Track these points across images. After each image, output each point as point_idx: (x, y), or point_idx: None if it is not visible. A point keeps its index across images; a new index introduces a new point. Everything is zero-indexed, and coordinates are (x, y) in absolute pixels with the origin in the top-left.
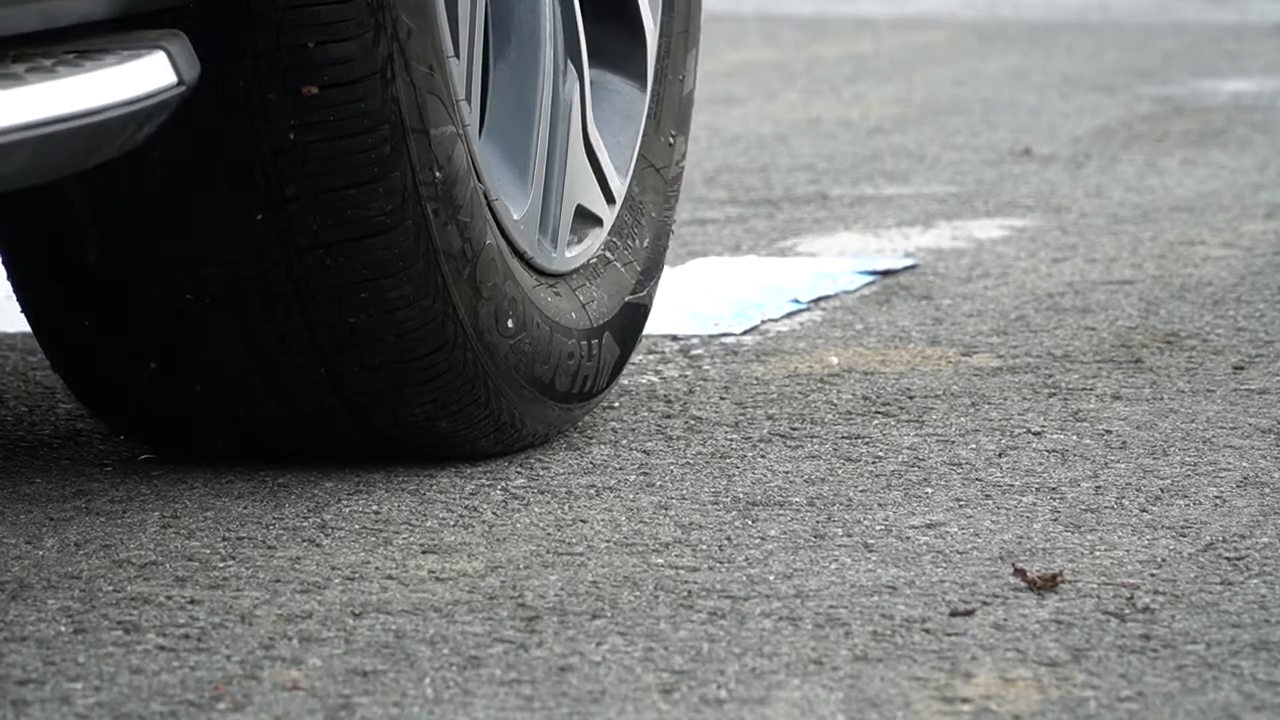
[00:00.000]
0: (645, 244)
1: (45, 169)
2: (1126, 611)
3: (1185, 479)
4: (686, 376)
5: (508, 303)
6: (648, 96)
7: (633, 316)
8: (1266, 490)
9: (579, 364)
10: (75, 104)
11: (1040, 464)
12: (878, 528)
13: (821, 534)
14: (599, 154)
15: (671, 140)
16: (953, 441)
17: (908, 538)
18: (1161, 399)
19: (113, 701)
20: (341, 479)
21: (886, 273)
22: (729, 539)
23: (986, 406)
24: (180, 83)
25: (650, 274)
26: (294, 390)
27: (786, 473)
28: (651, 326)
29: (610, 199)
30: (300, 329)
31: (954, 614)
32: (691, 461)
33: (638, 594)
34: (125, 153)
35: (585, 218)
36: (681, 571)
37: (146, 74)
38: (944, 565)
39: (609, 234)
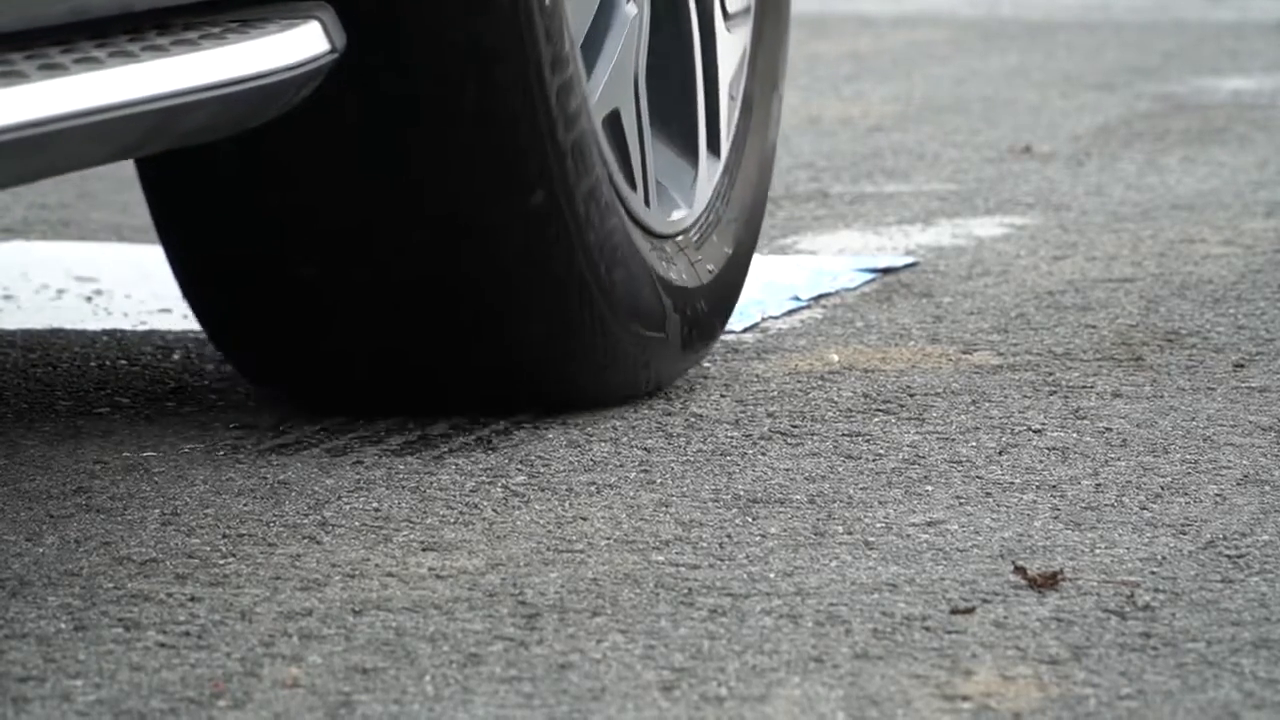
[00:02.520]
0: (746, 198)
1: (221, 127)
2: (1127, 609)
3: (1186, 477)
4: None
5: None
6: (747, 45)
7: (734, 270)
8: (1267, 488)
9: (681, 318)
10: (247, 68)
11: (1040, 462)
12: (878, 525)
13: (822, 531)
14: (703, 122)
15: (769, 97)
16: (953, 439)
17: (908, 535)
18: (1162, 397)
19: (113, 698)
20: (342, 476)
21: (887, 270)
22: (729, 536)
23: (987, 404)
24: (333, 50)
25: (752, 226)
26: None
27: (787, 470)
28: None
29: (717, 148)
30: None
31: (954, 612)
32: (692, 459)
33: (638, 591)
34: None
35: (687, 181)
36: (682, 569)
37: (305, 41)
38: (944, 563)
39: (708, 201)
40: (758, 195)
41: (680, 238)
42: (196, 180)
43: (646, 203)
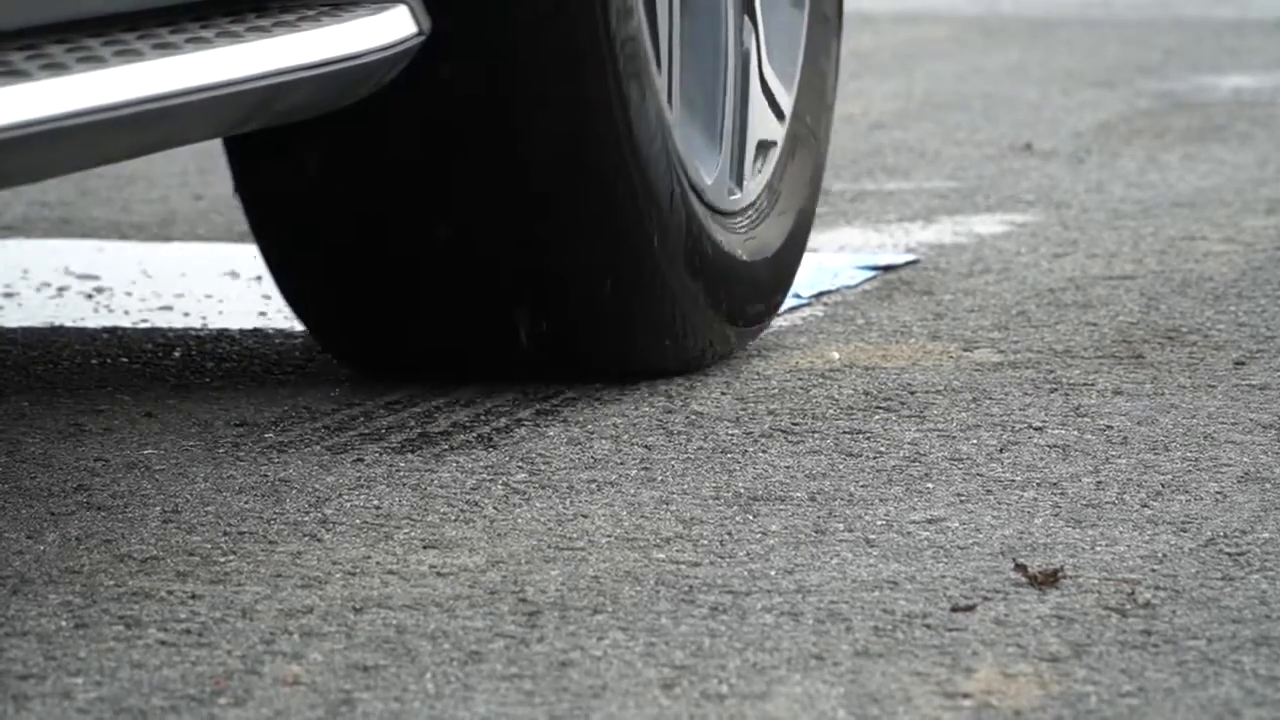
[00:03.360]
0: (808, 167)
1: (317, 105)
2: (1127, 607)
3: (1186, 474)
4: (687, 371)
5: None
6: (806, 15)
7: (794, 243)
8: (1267, 485)
9: (741, 292)
10: (342, 49)
11: (1041, 459)
12: (879, 523)
13: (823, 529)
14: (771, 84)
15: (825, 60)
16: (954, 437)
17: (909, 533)
18: (1162, 394)
19: (113, 696)
20: (342, 474)
21: (888, 268)
22: (730, 534)
23: (988, 402)
24: (420, 32)
25: (812, 197)
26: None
27: (788, 468)
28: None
29: (781, 116)
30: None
31: (955, 609)
32: (693, 456)
33: (639, 589)
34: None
35: (763, 146)
36: (683, 566)
37: (394, 25)
38: (945, 560)
39: (766, 184)
40: (811, 187)
41: (739, 217)
42: (293, 171)
43: (706, 176)
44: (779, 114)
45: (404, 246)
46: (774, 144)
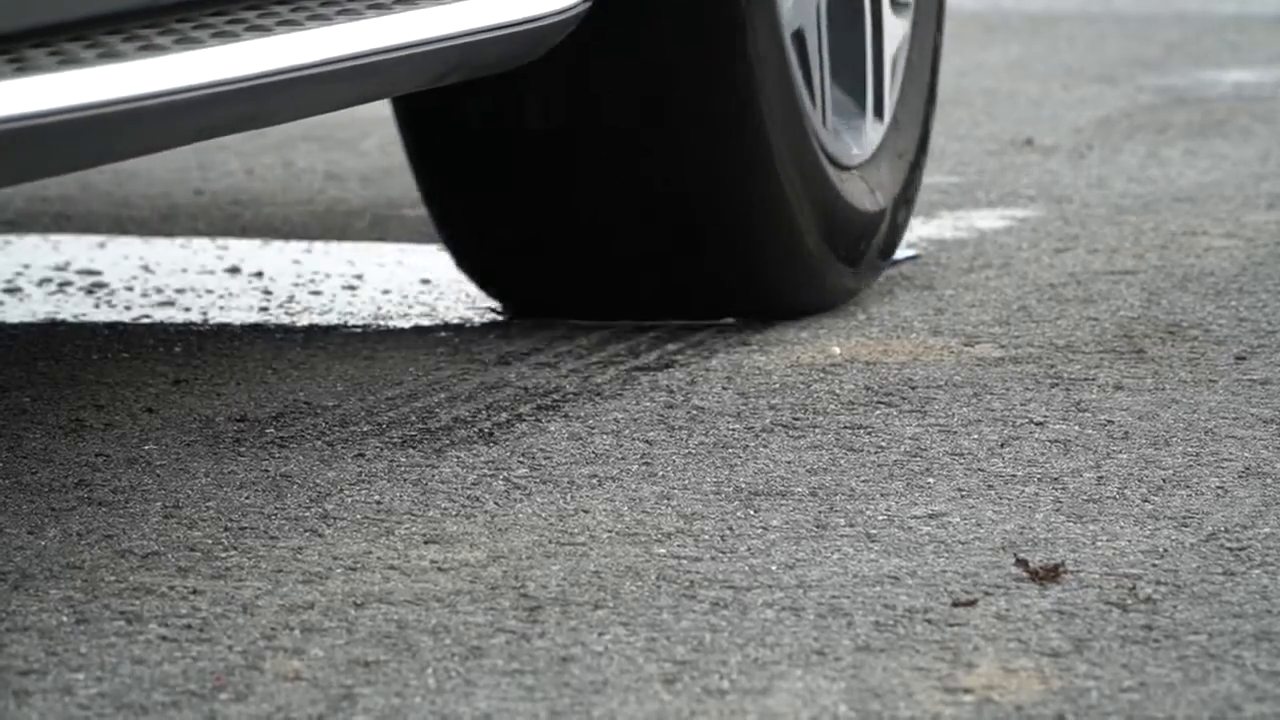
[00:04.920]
0: (912, 139)
1: (503, 63)
2: (1128, 602)
3: (1187, 469)
4: (689, 366)
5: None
6: (908, 28)
7: (904, 199)
8: (1269, 481)
9: (860, 239)
10: (528, 11)
11: (1042, 454)
12: (880, 518)
13: (824, 524)
14: (874, 74)
15: (928, 52)
16: (955, 432)
17: (910, 528)
18: (1164, 389)
19: (114, 692)
20: (343, 469)
21: (889, 262)
22: (731, 529)
23: (989, 396)
24: (587, 1)
25: (917, 166)
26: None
27: (789, 463)
28: (652, 318)
29: (881, 115)
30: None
31: (956, 604)
32: (694, 451)
33: (640, 584)
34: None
35: (863, 125)
36: (684, 561)
37: None
38: (946, 555)
39: (880, 142)
40: (918, 151)
41: (857, 171)
42: (460, 132)
43: (824, 123)
44: (880, 103)
45: (566, 203)
46: (886, 110)
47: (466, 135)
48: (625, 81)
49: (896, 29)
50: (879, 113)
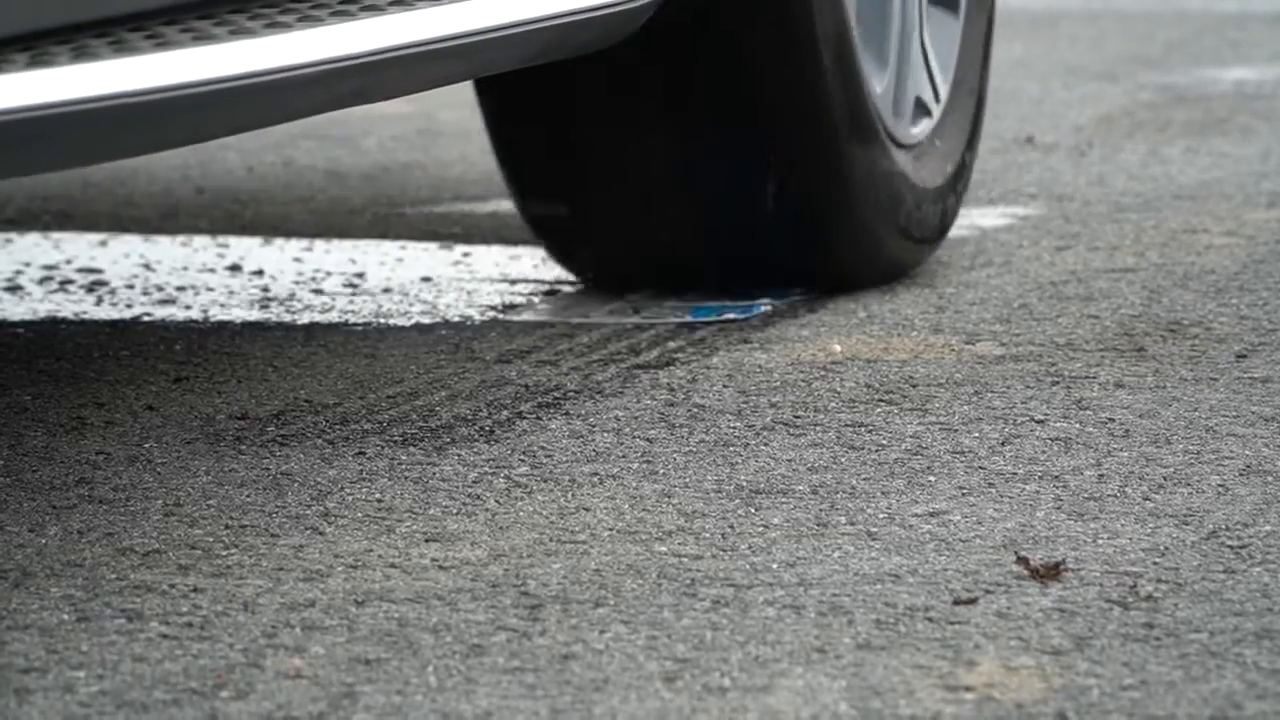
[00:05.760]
0: (965, 120)
1: (597, 43)
2: (1129, 600)
3: (1188, 467)
4: (689, 364)
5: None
6: (961, 22)
7: (953, 191)
8: (1269, 479)
9: (920, 213)
10: None
11: (1043, 452)
12: (881, 516)
13: (825, 522)
14: (930, 61)
15: (977, 63)
16: (956, 430)
17: (911, 526)
18: (1164, 387)
19: (115, 690)
20: (344, 467)
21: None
22: (732, 527)
23: (989, 395)
24: None
25: (971, 145)
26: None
27: (790, 461)
28: (652, 316)
29: (937, 98)
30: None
31: (957, 602)
32: (694, 449)
33: (641, 582)
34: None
35: (920, 107)
36: (684, 560)
37: None
38: (947, 553)
39: (935, 125)
40: (972, 131)
41: (915, 149)
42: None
43: (893, 108)
44: (949, 66)
45: (649, 173)
46: (941, 94)
47: (548, 111)
48: (706, 64)
49: (951, 15)
50: (935, 97)
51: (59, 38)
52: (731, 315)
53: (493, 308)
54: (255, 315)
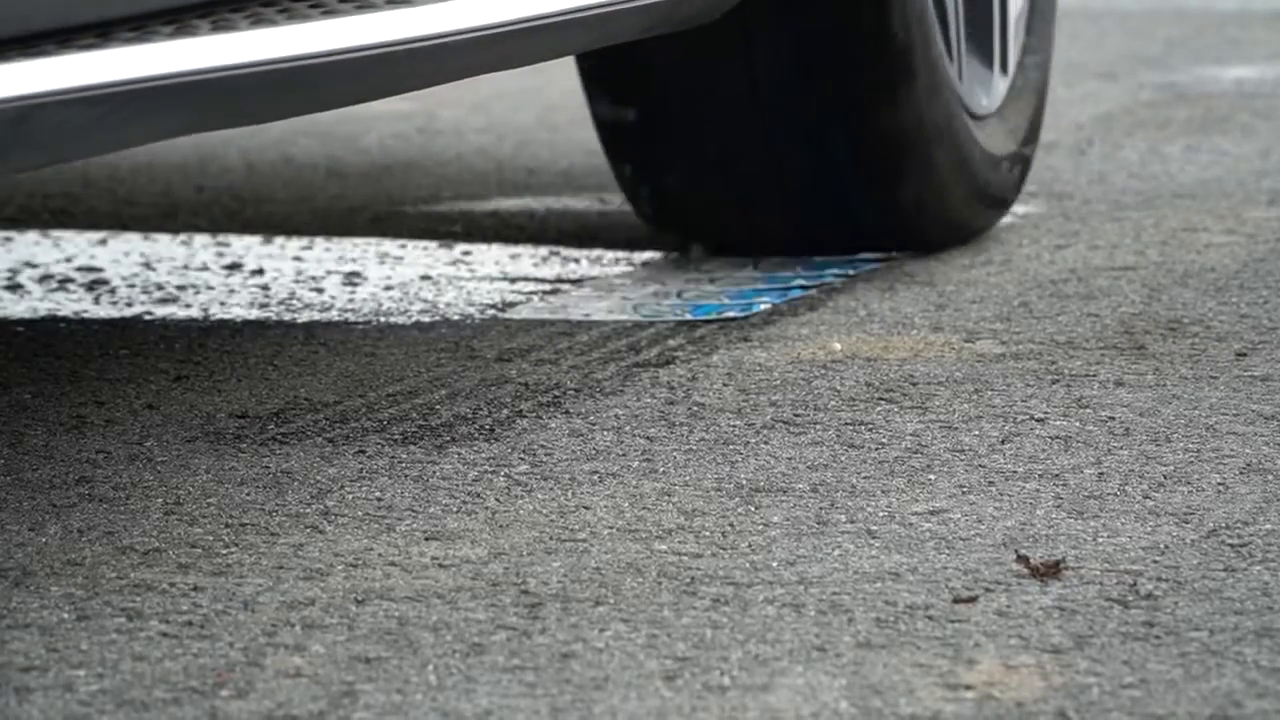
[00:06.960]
0: (1032, 93)
1: (654, 28)
2: (1129, 598)
3: (1188, 466)
4: (689, 363)
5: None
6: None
7: (1020, 159)
8: (1269, 477)
9: (995, 180)
10: None
11: (1043, 450)
12: (881, 514)
13: (825, 520)
14: (1007, 32)
15: (1047, 13)
16: (956, 428)
17: (911, 524)
18: (1164, 385)
19: (115, 688)
20: (344, 465)
21: (890, 259)
22: (732, 525)
23: (989, 393)
24: None
25: (1038, 116)
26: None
27: (789, 459)
28: (652, 314)
29: (1005, 69)
30: None
31: (957, 601)
32: (694, 448)
33: (641, 581)
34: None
35: (1003, 68)
36: (684, 558)
37: None
38: (947, 552)
39: (1010, 83)
40: (1036, 107)
41: (986, 120)
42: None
43: (960, 77)
44: (1005, 60)
45: (751, 150)
46: (1010, 66)
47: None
48: (794, 42)
49: None
50: (1004, 68)
51: (200, 12)
52: (731, 313)
53: (493, 306)
54: (255, 314)
